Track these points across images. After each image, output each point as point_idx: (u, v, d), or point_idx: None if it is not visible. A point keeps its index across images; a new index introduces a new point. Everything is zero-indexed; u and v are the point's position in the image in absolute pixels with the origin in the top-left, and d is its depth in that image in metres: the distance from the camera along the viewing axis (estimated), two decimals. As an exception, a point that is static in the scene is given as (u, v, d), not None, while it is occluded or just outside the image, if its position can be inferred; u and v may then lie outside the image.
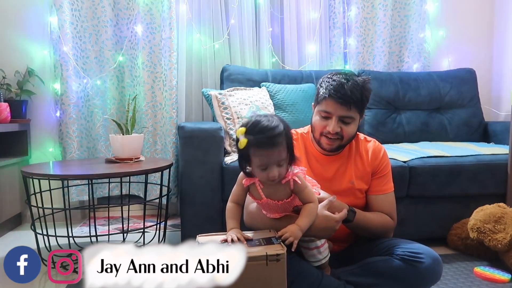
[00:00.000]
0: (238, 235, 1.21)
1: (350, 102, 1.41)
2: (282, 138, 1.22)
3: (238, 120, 2.35)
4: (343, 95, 1.40)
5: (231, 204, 1.36)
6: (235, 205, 1.35)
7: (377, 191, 1.57)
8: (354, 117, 1.45)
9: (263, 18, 2.93)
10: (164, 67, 2.73)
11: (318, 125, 1.48)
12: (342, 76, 1.44)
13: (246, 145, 1.21)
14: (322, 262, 1.40)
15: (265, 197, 1.31)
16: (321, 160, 1.56)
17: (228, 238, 1.21)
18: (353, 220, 1.46)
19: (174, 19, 2.73)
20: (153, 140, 2.78)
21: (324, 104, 1.45)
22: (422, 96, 2.84)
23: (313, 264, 1.39)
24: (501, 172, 2.23)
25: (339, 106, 1.42)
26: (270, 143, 1.20)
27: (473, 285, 1.79)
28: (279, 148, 1.22)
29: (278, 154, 1.22)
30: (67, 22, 2.62)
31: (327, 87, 1.44)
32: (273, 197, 1.32)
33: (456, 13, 3.19)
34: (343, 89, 1.40)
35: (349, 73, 1.48)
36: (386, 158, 1.59)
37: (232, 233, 1.23)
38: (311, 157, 1.56)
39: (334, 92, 1.41)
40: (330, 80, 1.45)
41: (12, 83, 2.68)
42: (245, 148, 1.22)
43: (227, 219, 1.33)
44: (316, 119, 1.49)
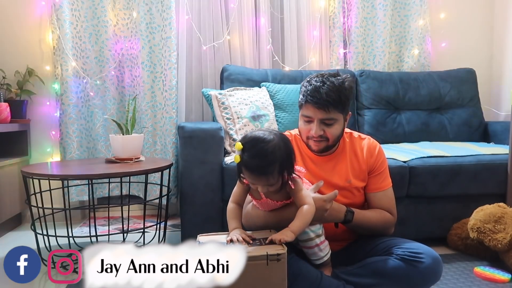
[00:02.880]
0: (243, 235, 1.22)
1: (327, 105, 1.42)
2: (272, 167, 1.23)
3: (238, 120, 2.35)
4: (319, 99, 1.41)
5: (232, 204, 1.36)
6: (236, 205, 1.36)
7: (376, 188, 1.57)
8: (335, 118, 1.46)
9: (263, 18, 2.93)
10: (164, 67, 2.73)
11: (303, 129, 1.51)
12: (318, 79, 1.45)
13: (239, 162, 1.25)
14: (324, 260, 1.41)
15: (264, 197, 1.32)
16: (316, 160, 1.56)
17: (233, 238, 1.21)
18: (352, 220, 1.47)
19: (174, 19, 2.73)
20: (153, 140, 2.78)
21: (305, 109, 1.47)
22: (422, 96, 2.84)
23: (316, 262, 1.40)
24: (501, 172, 2.23)
25: (317, 110, 1.43)
26: (259, 171, 1.23)
27: (473, 285, 1.79)
28: (267, 177, 1.23)
29: (266, 180, 1.24)
30: (67, 22, 2.62)
31: (304, 92, 1.46)
32: (272, 197, 1.34)
33: (456, 13, 3.19)
34: (319, 93, 1.41)
35: (327, 74, 1.48)
36: (382, 155, 1.59)
37: (235, 233, 1.23)
38: (306, 158, 1.57)
39: (311, 97, 1.43)
40: (307, 84, 1.47)
41: (12, 83, 2.69)
42: (239, 163, 1.26)
43: (228, 219, 1.33)
44: (301, 123, 1.52)
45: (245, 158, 1.23)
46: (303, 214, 1.27)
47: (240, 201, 1.37)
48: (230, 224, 1.31)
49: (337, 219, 1.46)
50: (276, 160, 1.23)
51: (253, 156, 1.22)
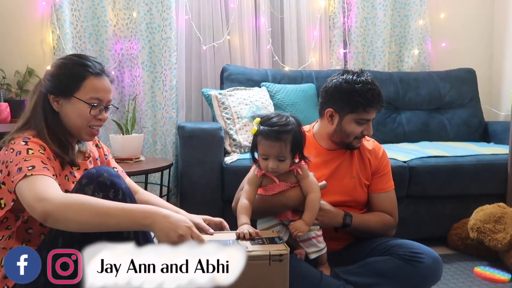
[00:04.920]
0: (251, 230, 1.24)
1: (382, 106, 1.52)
2: (287, 135, 1.31)
3: (238, 120, 2.35)
4: (382, 102, 1.50)
5: (244, 200, 1.38)
6: (248, 202, 1.38)
7: (379, 189, 1.58)
8: None
9: (263, 18, 2.93)
10: (164, 67, 2.73)
11: (356, 131, 1.51)
12: (369, 81, 1.49)
13: (256, 133, 1.34)
14: (324, 251, 1.43)
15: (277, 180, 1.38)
16: (324, 154, 1.58)
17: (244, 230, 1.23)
18: (351, 224, 1.48)
19: (174, 19, 2.73)
20: (153, 140, 2.78)
21: (367, 113, 1.49)
22: (422, 96, 2.84)
23: (316, 255, 1.41)
24: (501, 172, 2.23)
25: (377, 112, 1.52)
26: (274, 136, 1.30)
27: (473, 285, 1.79)
28: (281, 143, 1.30)
29: (279, 148, 1.30)
30: (67, 22, 2.62)
31: (369, 96, 1.47)
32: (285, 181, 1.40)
33: (456, 13, 3.19)
34: (381, 97, 1.49)
35: (364, 73, 1.53)
36: (385, 157, 1.62)
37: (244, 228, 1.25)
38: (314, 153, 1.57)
39: (377, 101, 1.48)
40: (364, 87, 1.47)
41: (12, 83, 2.68)
42: (254, 136, 1.35)
43: (239, 214, 1.35)
44: (353, 126, 1.51)
45: (262, 128, 1.32)
46: (312, 204, 1.35)
47: (251, 199, 1.39)
48: (240, 219, 1.33)
49: (336, 223, 1.47)
50: (291, 131, 1.32)
51: (271, 124, 1.32)
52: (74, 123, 1.22)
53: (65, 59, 1.26)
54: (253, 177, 1.41)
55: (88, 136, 1.26)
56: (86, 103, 1.20)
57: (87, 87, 1.21)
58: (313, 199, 1.35)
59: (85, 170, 1.20)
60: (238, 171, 1.98)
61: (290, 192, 1.39)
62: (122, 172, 1.46)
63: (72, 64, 1.23)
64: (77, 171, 1.25)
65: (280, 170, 1.34)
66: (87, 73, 1.21)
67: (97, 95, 1.22)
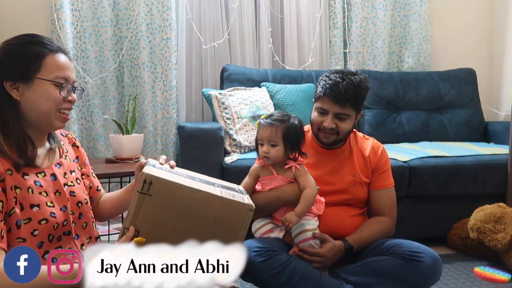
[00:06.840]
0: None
1: (344, 101, 1.47)
2: (280, 123, 1.42)
3: (238, 120, 2.35)
4: (338, 94, 1.47)
5: None
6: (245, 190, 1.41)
7: (379, 186, 1.60)
8: (349, 114, 1.51)
9: (263, 18, 2.93)
10: (164, 67, 2.73)
11: (316, 120, 1.55)
12: (338, 75, 1.50)
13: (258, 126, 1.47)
14: None
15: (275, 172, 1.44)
16: (323, 153, 1.59)
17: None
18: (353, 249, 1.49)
19: (174, 19, 2.73)
20: (154, 140, 2.78)
21: (321, 102, 1.52)
22: (422, 96, 2.84)
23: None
24: (501, 172, 2.23)
25: (334, 104, 1.49)
26: (268, 123, 1.44)
27: (473, 285, 1.79)
28: (272, 128, 1.42)
29: (270, 132, 1.41)
30: (67, 22, 2.62)
31: (323, 86, 1.51)
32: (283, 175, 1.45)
33: (456, 13, 3.19)
34: (338, 88, 1.47)
35: (347, 72, 1.55)
36: (385, 154, 1.63)
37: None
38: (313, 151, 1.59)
39: (330, 91, 1.48)
40: (327, 79, 1.52)
41: (12, 83, 2.68)
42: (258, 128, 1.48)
43: None
44: (314, 115, 1.56)
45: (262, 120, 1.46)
46: (306, 198, 1.40)
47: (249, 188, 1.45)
48: None
49: (340, 256, 1.48)
50: (285, 121, 1.43)
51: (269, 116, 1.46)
52: (42, 109, 1.07)
53: (14, 40, 1.12)
54: (253, 168, 1.48)
55: (60, 122, 1.12)
56: (53, 84, 1.07)
57: (48, 65, 1.07)
58: (308, 194, 1.40)
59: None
60: (238, 171, 1.99)
61: (286, 186, 1.43)
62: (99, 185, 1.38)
63: (25, 43, 1.10)
64: (43, 178, 1.09)
65: (272, 156, 1.41)
66: (46, 51, 1.08)
67: (62, 73, 1.08)
